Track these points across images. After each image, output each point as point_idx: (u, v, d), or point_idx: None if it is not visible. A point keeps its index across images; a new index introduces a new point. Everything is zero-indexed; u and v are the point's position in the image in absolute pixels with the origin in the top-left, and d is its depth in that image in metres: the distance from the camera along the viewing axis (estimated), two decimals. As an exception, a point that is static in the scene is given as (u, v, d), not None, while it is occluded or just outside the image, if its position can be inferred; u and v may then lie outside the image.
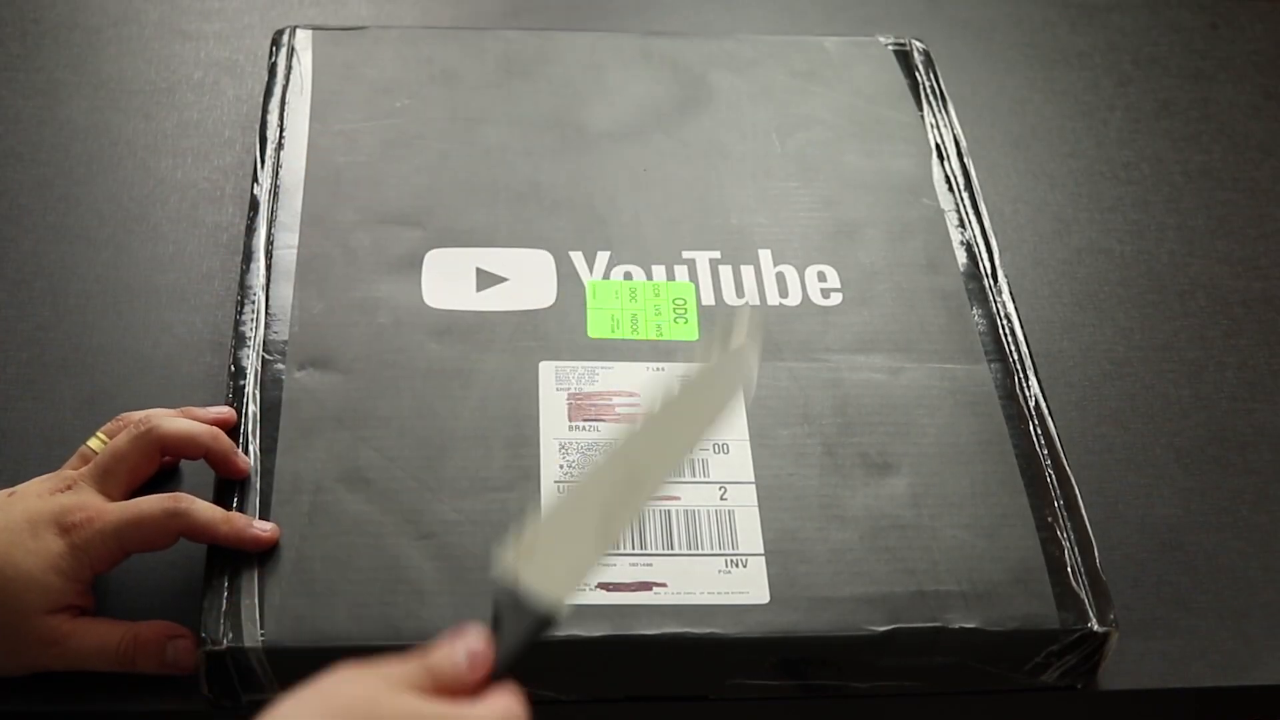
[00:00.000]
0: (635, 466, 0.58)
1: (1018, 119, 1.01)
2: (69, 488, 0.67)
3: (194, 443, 0.70)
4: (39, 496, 0.67)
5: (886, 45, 0.98)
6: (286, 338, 0.76)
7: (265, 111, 0.89)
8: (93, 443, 0.71)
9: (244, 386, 0.74)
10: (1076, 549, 0.71)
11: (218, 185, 0.90)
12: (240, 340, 0.76)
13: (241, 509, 0.69)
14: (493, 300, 0.79)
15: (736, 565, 0.69)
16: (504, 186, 0.86)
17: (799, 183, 0.88)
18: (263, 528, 0.68)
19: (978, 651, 0.68)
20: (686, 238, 0.84)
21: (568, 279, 0.81)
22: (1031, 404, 0.77)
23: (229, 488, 0.70)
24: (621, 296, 0.80)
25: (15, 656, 0.65)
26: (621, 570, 0.68)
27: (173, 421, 0.70)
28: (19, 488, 0.68)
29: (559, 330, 0.78)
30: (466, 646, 0.53)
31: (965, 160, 0.90)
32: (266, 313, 0.77)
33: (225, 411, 0.73)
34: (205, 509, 0.67)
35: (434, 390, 0.75)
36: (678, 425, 0.59)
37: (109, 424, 0.71)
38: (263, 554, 0.67)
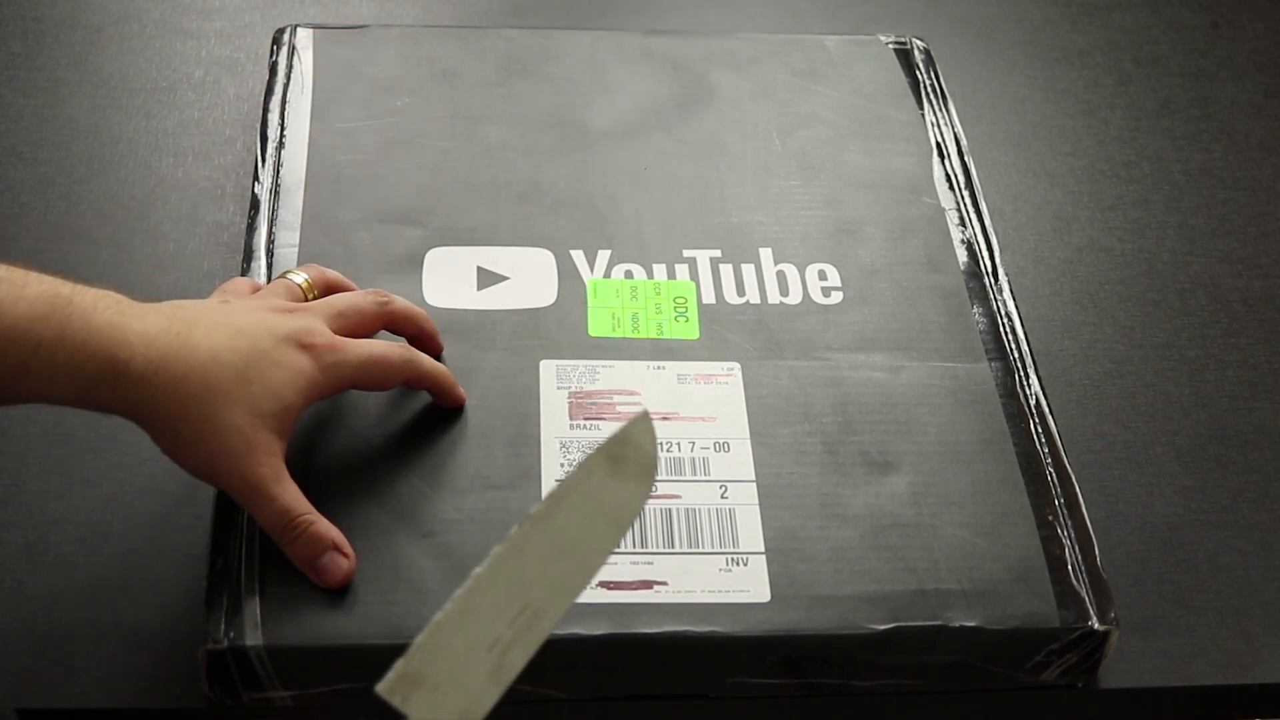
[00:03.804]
0: (530, 598, 0.55)
1: (1018, 117, 1.01)
2: (292, 312, 0.68)
3: (416, 322, 0.74)
4: (271, 311, 0.68)
5: (887, 44, 0.98)
6: (287, 336, 0.76)
7: (266, 110, 0.89)
8: (296, 278, 0.72)
9: (245, 385, 0.74)
10: (1077, 547, 0.71)
11: (219, 184, 0.90)
12: (241, 339, 0.76)
13: (236, 506, 0.69)
14: (493, 299, 0.79)
15: (737, 564, 0.69)
16: (505, 185, 0.86)
17: (799, 181, 0.88)
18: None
19: (978, 650, 0.68)
20: (687, 236, 0.84)
21: (568, 278, 0.81)
22: (1032, 402, 0.77)
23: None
24: (622, 295, 0.80)
25: (216, 461, 0.64)
26: (622, 568, 0.68)
27: (405, 302, 0.74)
28: (230, 297, 0.69)
29: (560, 329, 0.78)
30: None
31: (966, 159, 0.90)
32: (267, 311, 0.77)
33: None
34: (430, 362, 0.72)
35: (435, 389, 0.75)
36: (570, 549, 0.57)
37: (307, 266, 0.74)
38: (263, 552, 0.67)
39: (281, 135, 0.87)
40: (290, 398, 0.66)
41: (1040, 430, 0.76)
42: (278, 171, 0.85)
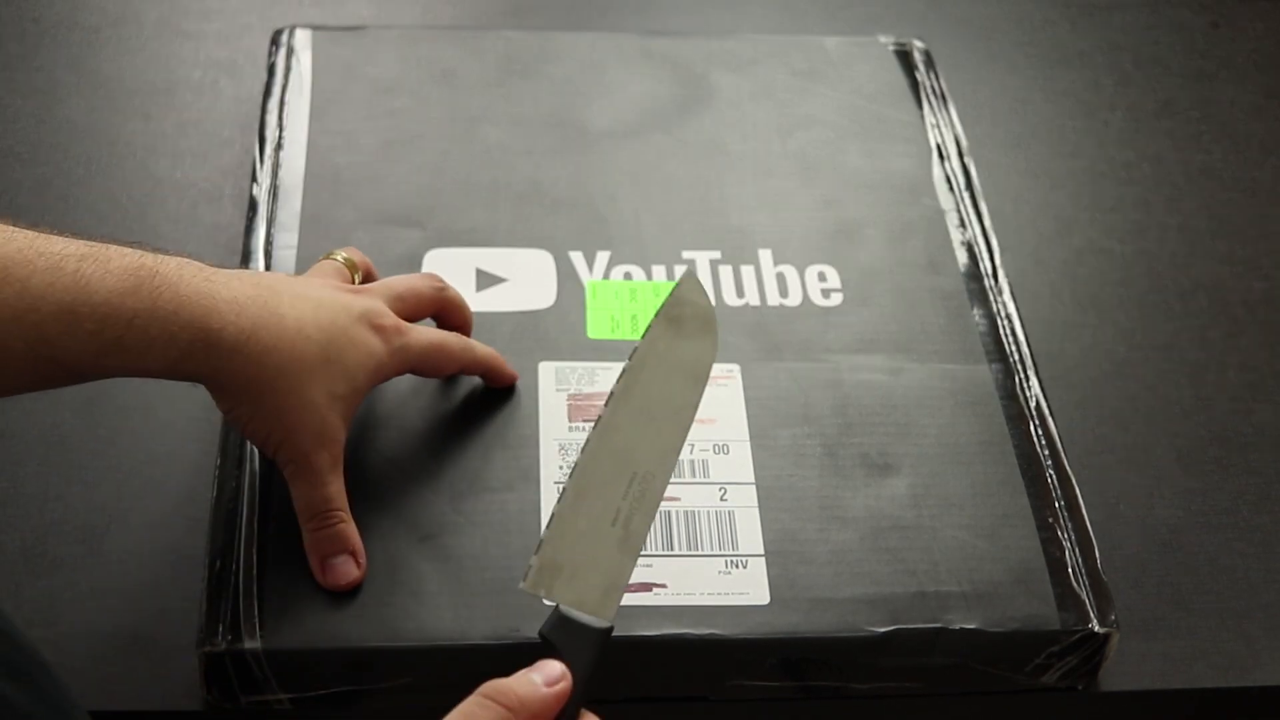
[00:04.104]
0: (636, 466, 0.58)
1: (1018, 119, 1.01)
2: (359, 292, 0.69)
3: (461, 312, 0.74)
4: (339, 290, 0.68)
5: (887, 45, 0.98)
6: (286, 338, 0.76)
7: (264, 111, 0.88)
8: (340, 257, 0.72)
9: (243, 387, 0.74)
10: (1077, 549, 0.71)
11: (217, 185, 0.90)
12: (239, 340, 0.76)
13: (235, 509, 0.69)
14: (492, 300, 0.79)
15: (737, 566, 0.69)
16: (504, 186, 0.86)
17: (799, 182, 0.88)
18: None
19: (978, 652, 0.68)
20: (687, 238, 0.83)
21: (567, 279, 0.81)
22: (1032, 404, 0.77)
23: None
24: (621, 296, 0.80)
25: (288, 436, 0.64)
26: (621, 571, 0.68)
27: (455, 291, 0.74)
28: (284, 276, 0.69)
29: (559, 330, 0.78)
30: (544, 674, 0.55)
31: (966, 160, 0.90)
32: (266, 313, 0.77)
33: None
34: (484, 348, 0.73)
35: (434, 390, 0.74)
36: (659, 415, 0.59)
37: (344, 250, 0.73)
38: (262, 555, 0.67)
39: (280, 136, 0.87)
40: (361, 380, 0.66)
41: (1040, 432, 0.75)
42: (276, 173, 0.85)
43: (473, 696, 0.54)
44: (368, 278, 0.74)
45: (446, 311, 0.74)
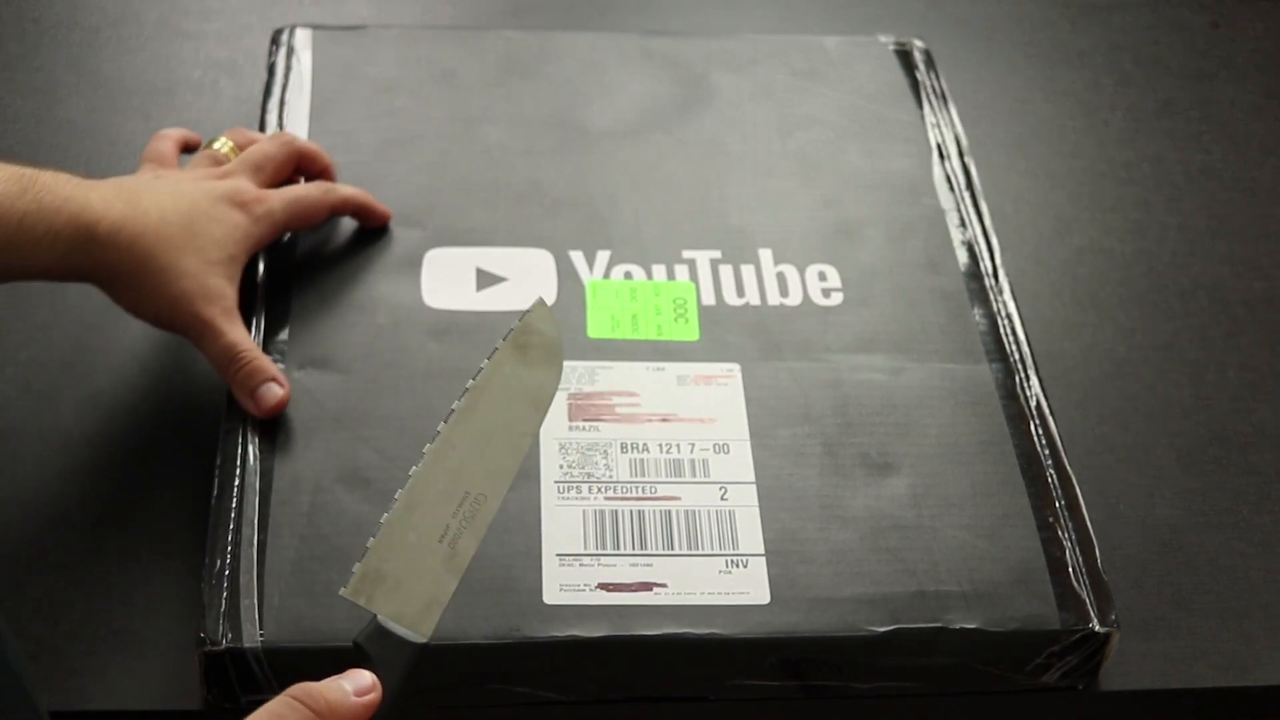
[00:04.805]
0: (469, 486, 0.58)
1: (1018, 118, 1.01)
2: (224, 176, 0.76)
3: (320, 159, 0.81)
4: (202, 179, 0.76)
5: (887, 45, 0.98)
6: (286, 338, 0.76)
7: (264, 111, 0.88)
8: (219, 145, 0.80)
9: (243, 386, 0.74)
10: (1078, 549, 0.71)
11: (217, 185, 0.90)
12: (239, 340, 0.76)
13: (239, 508, 0.69)
14: (492, 300, 0.79)
15: (737, 566, 0.69)
16: (504, 186, 0.85)
17: (799, 182, 0.88)
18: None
19: (979, 652, 0.68)
20: (687, 237, 0.83)
21: (568, 279, 0.81)
22: (1032, 404, 0.77)
23: (229, 482, 0.70)
24: (621, 296, 0.80)
25: (174, 304, 0.71)
26: (622, 570, 0.68)
27: (306, 143, 0.81)
28: (164, 173, 0.76)
29: (559, 330, 0.78)
30: (355, 683, 0.55)
31: (966, 160, 0.90)
32: (266, 313, 0.77)
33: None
34: (347, 188, 0.80)
35: (433, 390, 0.74)
36: (497, 438, 0.60)
37: (229, 131, 0.81)
38: (262, 555, 0.67)
39: (280, 136, 0.87)
40: (233, 248, 0.73)
41: (1040, 432, 0.75)
42: (276, 172, 0.84)
43: (281, 696, 0.54)
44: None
45: (305, 164, 0.81)
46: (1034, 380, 0.78)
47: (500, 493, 0.60)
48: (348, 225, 0.82)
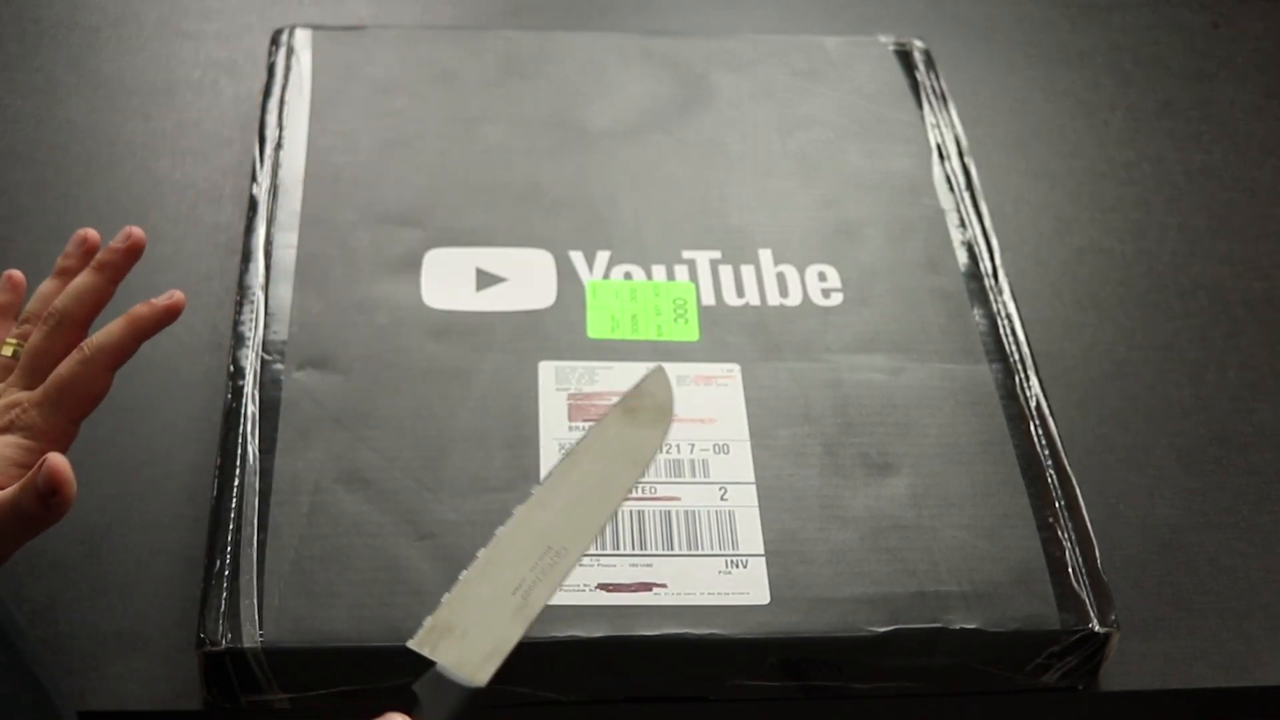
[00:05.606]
0: (552, 541, 0.58)
1: (1018, 119, 1.01)
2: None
3: (98, 304, 0.69)
4: None
5: (887, 45, 0.98)
6: (285, 338, 0.76)
7: (264, 111, 0.88)
8: (6, 350, 0.69)
9: (243, 386, 0.74)
10: (1077, 549, 0.71)
11: (216, 185, 0.90)
12: (239, 340, 0.76)
13: (239, 508, 0.69)
14: (492, 300, 0.79)
15: (737, 566, 0.69)
16: (504, 186, 0.85)
17: (799, 182, 0.88)
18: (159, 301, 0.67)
19: (978, 652, 0.68)
20: (687, 237, 0.83)
21: (567, 279, 0.81)
22: (1032, 404, 0.77)
23: (228, 485, 0.70)
24: (621, 296, 0.80)
25: None
26: (621, 571, 0.68)
27: (77, 298, 0.69)
28: None
29: (559, 330, 0.78)
30: None
31: (966, 160, 0.90)
32: (265, 313, 0.77)
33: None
34: (105, 332, 0.67)
35: (433, 390, 0.74)
36: (590, 493, 0.59)
37: (17, 328, 0.70)
38: (262, 555, 0.67)
39: (280, 136, 0.87)
40: (11, 472, 0.63)
41: (1040, 432, 0.75)
42: (276, 172, 0.85)
43: None
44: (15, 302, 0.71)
45: (85, 322, 0.69)
46: (1034, 380, 0.78)
47: (584, 547, 0.58)
48: (348, 225, 0.82)
